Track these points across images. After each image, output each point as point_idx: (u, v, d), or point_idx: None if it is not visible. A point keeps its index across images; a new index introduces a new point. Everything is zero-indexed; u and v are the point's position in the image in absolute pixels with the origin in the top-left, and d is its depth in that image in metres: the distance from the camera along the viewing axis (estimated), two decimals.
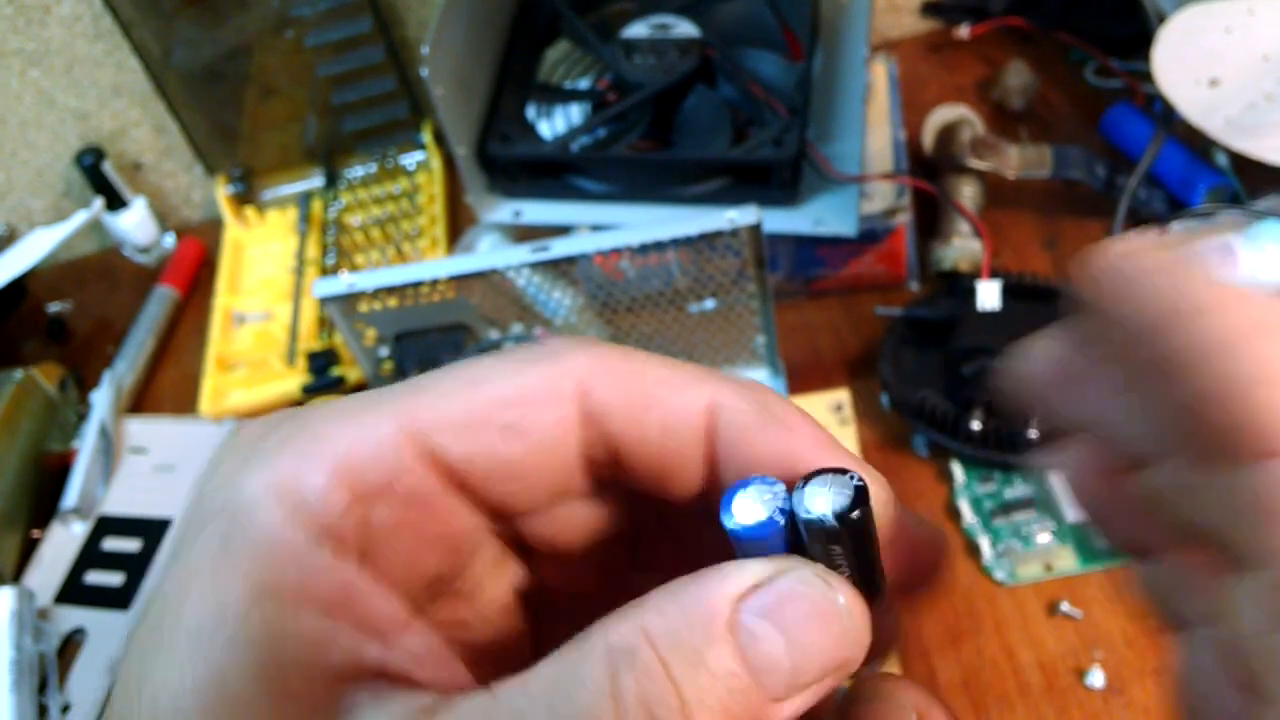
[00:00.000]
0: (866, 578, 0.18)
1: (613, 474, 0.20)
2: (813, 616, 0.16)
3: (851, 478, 0.18)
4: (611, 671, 0.15)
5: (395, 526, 0.18)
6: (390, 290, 0.59)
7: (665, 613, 0.16)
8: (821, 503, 0.17)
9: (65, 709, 0.57)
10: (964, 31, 0.79)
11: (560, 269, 0.58)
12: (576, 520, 0.20)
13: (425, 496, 0.18)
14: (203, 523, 0.17)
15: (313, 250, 0.80)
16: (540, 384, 0.18)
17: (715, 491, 0.19)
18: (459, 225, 0.79)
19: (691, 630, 0.16)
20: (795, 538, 0.18)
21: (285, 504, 0.17)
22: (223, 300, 0.78)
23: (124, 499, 0.66)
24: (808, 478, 0.18)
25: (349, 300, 0.59)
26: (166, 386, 0.76)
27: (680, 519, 0.21)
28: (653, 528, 0.22)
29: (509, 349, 0.19)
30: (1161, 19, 0.67)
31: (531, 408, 0.18)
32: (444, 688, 0.18)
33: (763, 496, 0.18)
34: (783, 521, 0.18)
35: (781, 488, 0.18)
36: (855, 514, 0.17)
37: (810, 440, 0.19)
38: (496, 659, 0.20)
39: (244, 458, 0.18)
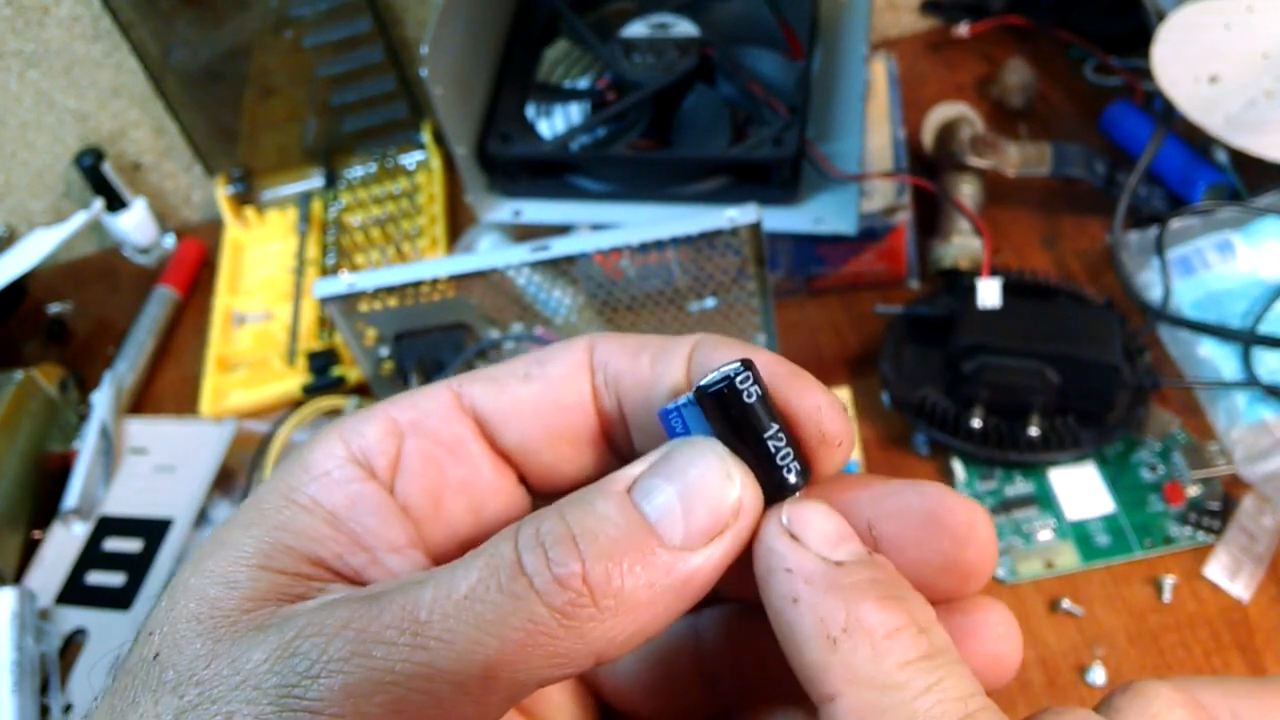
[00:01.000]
0: (764, 454, 0.19)
1: (624, 434, 0.22)
2: (705, 476, 0.18)
3: (738, 362, 0.19)
4: (514, 527, 0.18)
5: (422, 458, 0.21)
6: (390, 290, 0.59)
7: (575, 493, 0.19)
8: (705, 379, 0.19)
9: (67, 709, 0.57)
10: (963, 29, 0.79)
11: (560, 268, 0.58)
12: (591, 472, 0.22)
13: (454, 439, 0.21)
14: (275, 476, 0.21)
15: (313, 250, 0.80)
16: (556, 346, 0.22)
17: None
18: (459, 225, 0.79)
19: (589, 492, 0.18)
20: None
21: (335, 440, 0.21)
22: (223, 300, 0.78)
23: (125, 499, 0.66)
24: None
25: (349, 300, 0.59)
26: (167, 387, 0.76)
27: None
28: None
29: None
30: (1161, 16, 0.67)
31: (546, 360, 0.21)
32: None
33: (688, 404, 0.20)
34: (691, 401, 0.20)
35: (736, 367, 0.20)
36: (726, 386, 0.19)
37: (783, 388, 0.20)
38: None
39: (325, 426, 0.22)
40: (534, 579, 0.17)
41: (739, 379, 0.19)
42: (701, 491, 0.18)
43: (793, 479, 0.19)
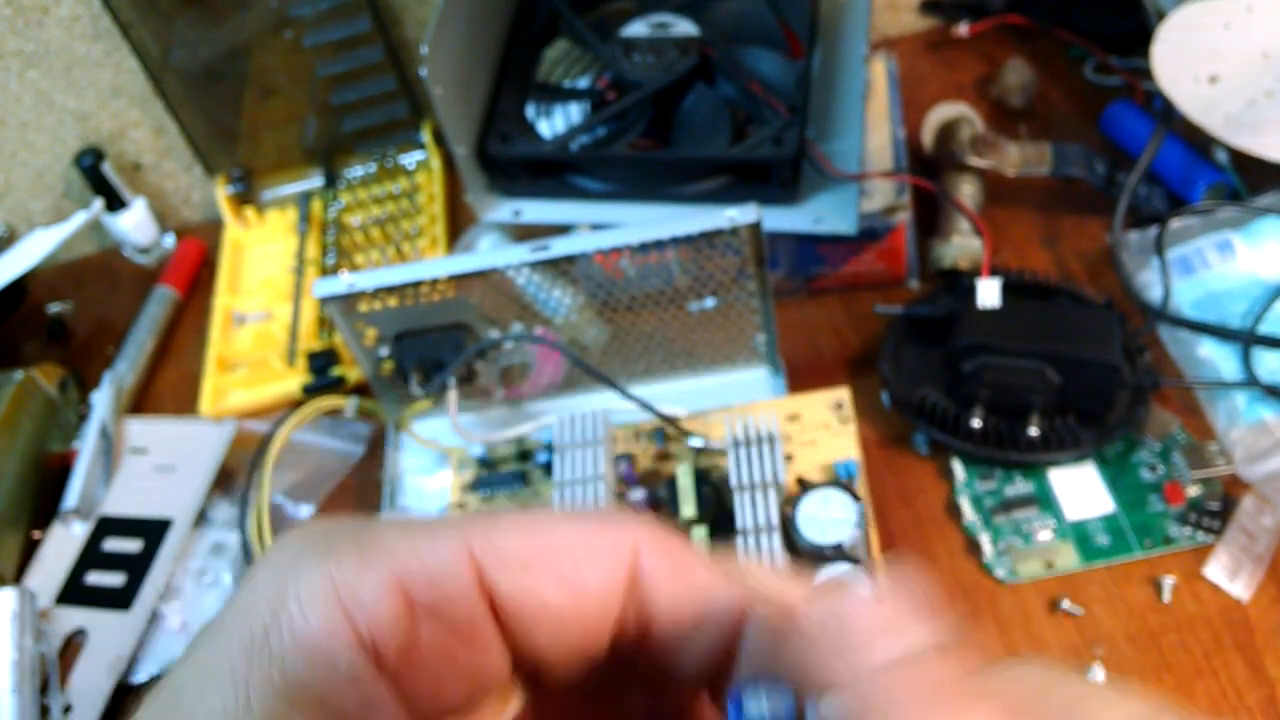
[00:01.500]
0: None
1: (634, 648, 0.19)
2: None
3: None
4: None
5: (436, 649, 0.18)
6: (390, 290, 0.59)
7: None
8: None
9: (67, 710, 0.57)
10: (963, 29, 0.79)
11: (560, 268, 0.58)
12: (589, 682, 0.20)
13: (470, 626, 0.18)
14: (248, 609, 0.17)
15: (312, 250, 0.80)
16: (603, 542, 0.19)
17: (721, 678, 0.19)
18: (459, 225, 0.79)
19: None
20: None
21: (337, 606, 0.17)
22: (223, 300, 0.78)
23: (124, 499, 0.66)
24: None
25: (349, 300, 0.59)
26: (167, 387, 0.76)
27: (674, 695, 0.21)
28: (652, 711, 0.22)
29: (573, 509, 0.19)
30: (1161, 16, 0.67)
31: (590, 563, 0.18)
32: None
33: (767, 703, 0.17)
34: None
35: (790, 699, 0.17)
36: None
37: (843, 666, 0.17)
38: None
39: (302, 551, 0.18)
40: None
41: None
42: None
43: None
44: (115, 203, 0.82)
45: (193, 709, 0.16)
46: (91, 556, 0.64)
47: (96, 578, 0.63)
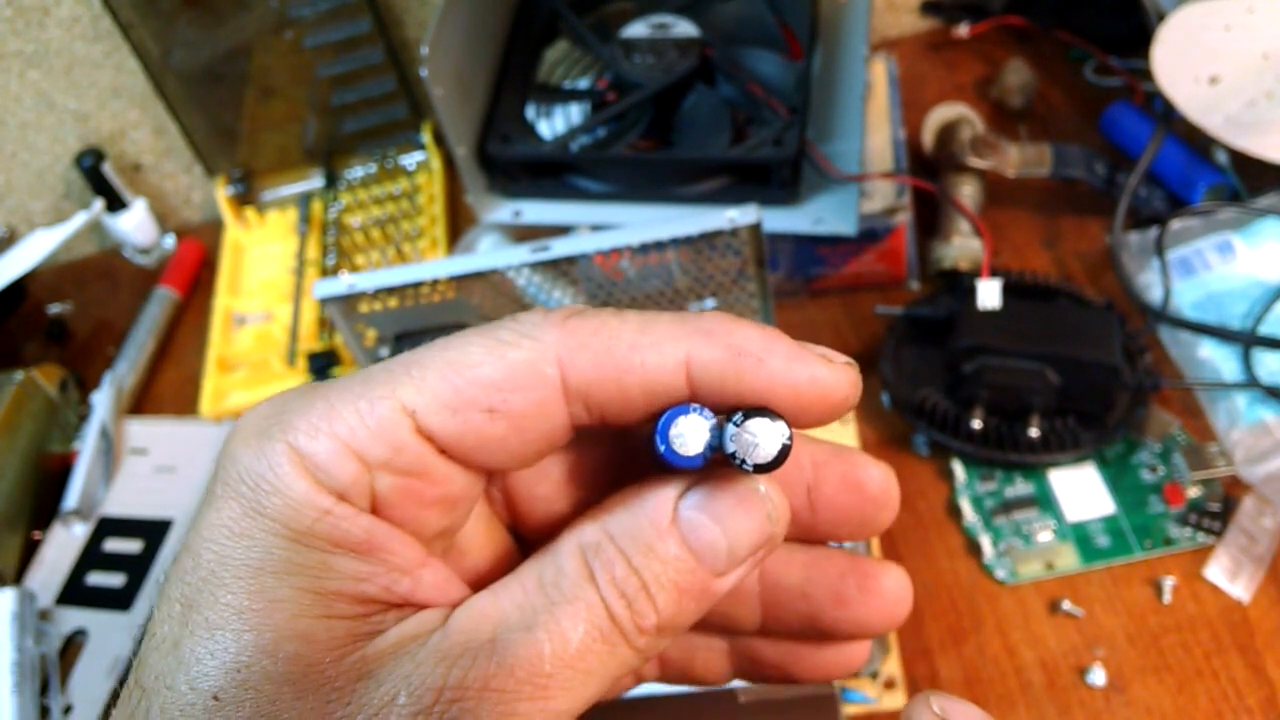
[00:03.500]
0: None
1: (599, 424, 0.22)
2: (738, 505, 0.21)
3: (781, 433, 0.20)
4: (585, 562, 0.20)
5: (398, 491, 0.20)
6: (390, 291, 0.59)
7: (621, 517, 0.21)
8: (745, 450, 0.20)
9: (67, 710, 0.57)
10: (963, 30, 0.79)
11: (560, 269, 0.58)
12: (563, 469, 0.24)
13: (423, 467, 0.20)
14: (226, 492, 0.20)
15: (313, 251, 0.80)
16: (521, 369, 0.20)
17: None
18: (459, 225, 0.79)
19: (642, 528, 0.20)
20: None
21: (307, 472, 0.20)
22: (223, 301, 0.78)
23: (125, 500, 0.66)
24: (746, 414, 0.20)
25: (349, 301, 0.59)
26: (167, 388, 0.76)
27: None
28: (632, 461, 0.24)
29: (491, 325, 0.21)
30: (1161, 17, 0.67)
31: (513, 392, 0.20)
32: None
33: (694, 428, 0.20)
34: (710, 456, 0.20)
35: (712, 421, 0.20)
36: (771, 463, 0.20)
37: (780, 372, 0.21)
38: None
39: (260, 432, 0.20)
40: (625, 631, 0.20)
41: (784, 458, 0.20)
42: (746, 534, 0.21)
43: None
44: (115, 203, 0.82)
45: (220, 569, 0.19)
46: (92, 557, 0.64)
47: (97, 578, 0.63)
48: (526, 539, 0.25)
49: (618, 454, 0.25)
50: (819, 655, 0.25)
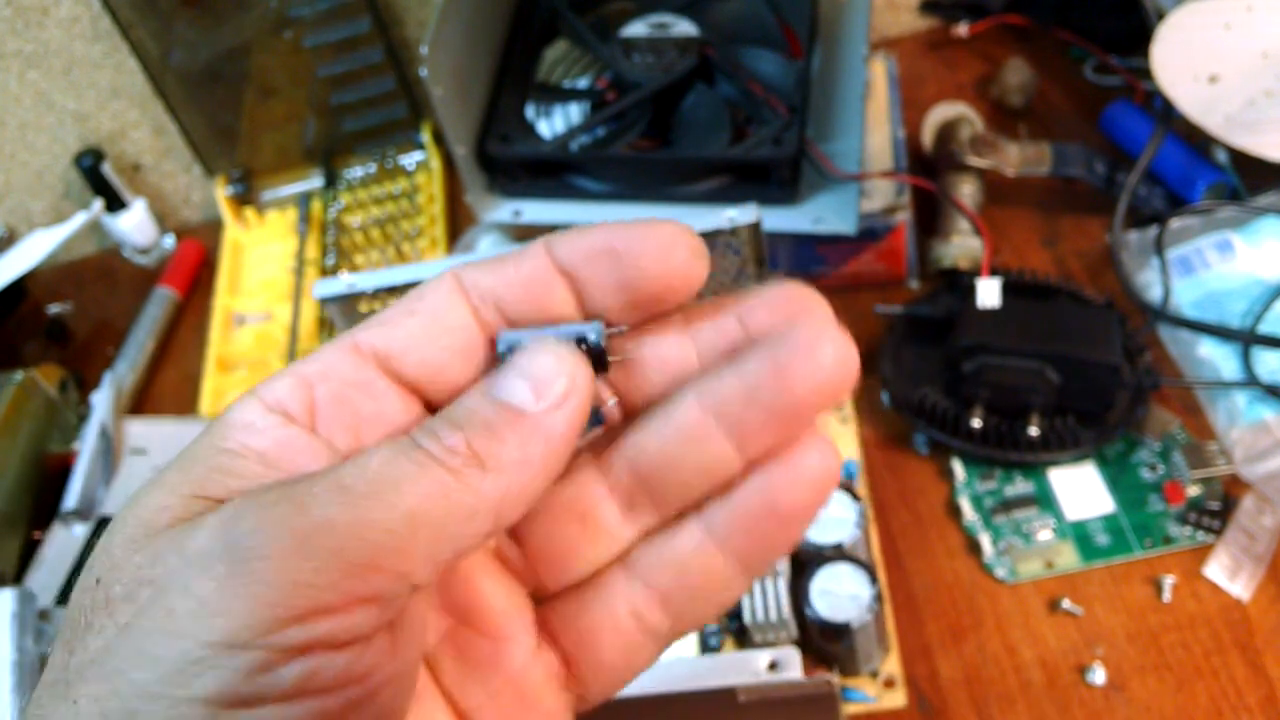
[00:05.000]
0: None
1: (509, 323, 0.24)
2: (534, 355, 0.22)
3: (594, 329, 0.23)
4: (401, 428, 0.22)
5: (335, 400, 0.22)
6: (390, 290, 0.58)
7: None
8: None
9: None
10: (963, 29, 0.79)
11: None
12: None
13: (361, 380, 0.23)
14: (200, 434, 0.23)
15: (312, 251, 0.80)
16: (429, 283, 0.24)
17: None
18: (459, 225, 0.79)
19: (457, 400, 0.22)
20: None
21: (249, 398, 0.22)
22: (223, 301, 0.78)
23: (124, 500, 0.66)
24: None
25: (349, 301, 0.59)
26: (167, 387, 0.76)
27: None
28: None
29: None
30: (1160, 15, 0.67)
31: (424, 294, 0.23)
32: None
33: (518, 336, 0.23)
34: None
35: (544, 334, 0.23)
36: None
37: (616, 229, 0.23)
38: None
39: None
40: (430, 449, 0.21)
41: (596, 346, 0.23)
42: (543, 375, 0.22)
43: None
44: (115, 203, 0.82)
45: (168, 480, 0.22)
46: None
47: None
48: None
49: None
50: (791, 477, 0.25)
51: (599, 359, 0.23)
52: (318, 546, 0.19)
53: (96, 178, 0.81)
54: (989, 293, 0.60)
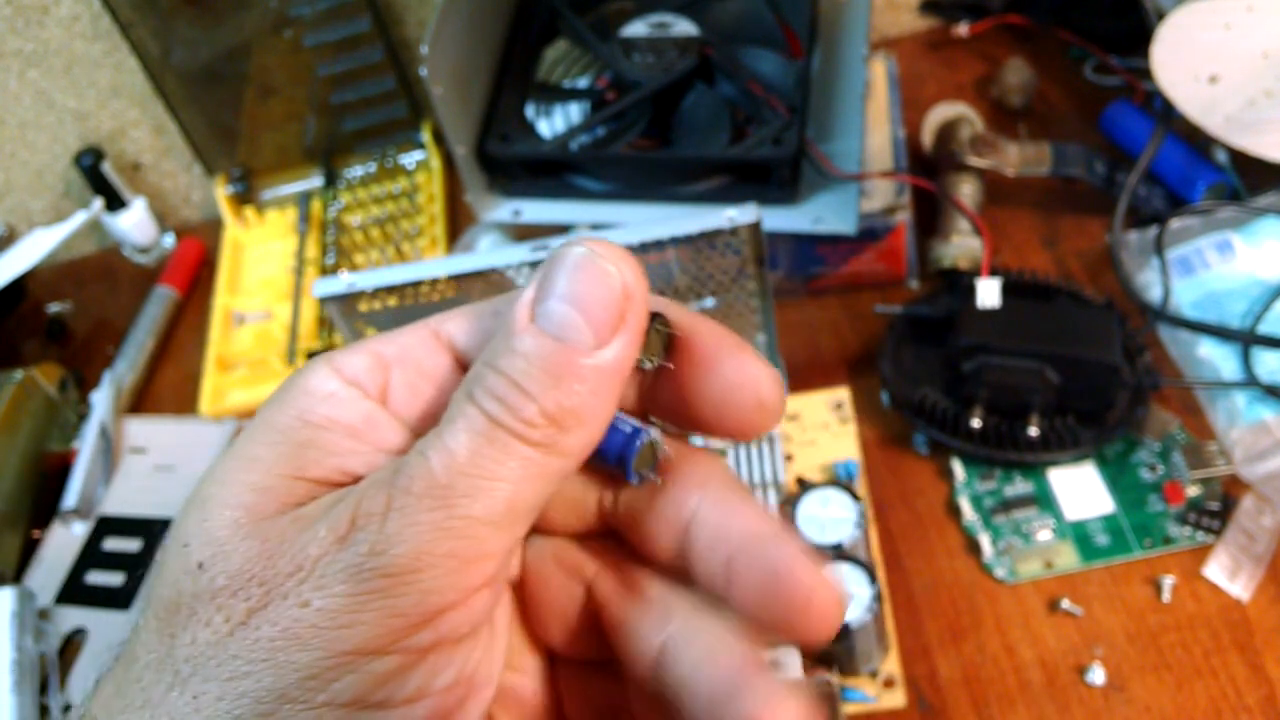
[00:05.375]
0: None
1: None
2: (587, 278, 0.21)
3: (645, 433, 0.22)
4: (465, 390, 0.21)
5: (408, 387, 0.23)
6: (390, 290, 0.58)
7: (492, 344, 0.22)
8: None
9: (66, 709, 0.57)
10: (963, 29, 0.79)
11: None
12: None
13: (435, 369, 0.23)
14: (272, 399, 0.23)
15: (312, 250, 0.80)
16: (517, 293, 0.23)
17: None
18: (459, 224, 0.79)
19: (504, 338, 0.21)
20: None
21: (325, 368, 0.22)
22: (222, 300, 0.78)
23: (124, 499, 0.66)
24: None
25: (349, 300, 0.59)
26: (166, 386, 0.76)
27: None
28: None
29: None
30: (1160, 16, 0.67)
31: (511, 298, 0.23)
32: None
33: None
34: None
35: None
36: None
37: (710, 336, 0.23)
38: None
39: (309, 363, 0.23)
40: (509, 426, 0.20)
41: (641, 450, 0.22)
42: (599, 300, 0.21)
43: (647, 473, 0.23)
44: (115, 202, 0.82)
45: (243, 437, 0.22)
46: (91, 556, 0.64)
47: (96, 577, 0.63)
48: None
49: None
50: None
51: (664, 343, 0.23)
52: (435, 555, 0.19)
53: (96, 177, 0.81)
54: (989, 293, 0.60)
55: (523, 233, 0.69)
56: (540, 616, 0.24)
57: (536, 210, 0.68)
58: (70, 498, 0.65)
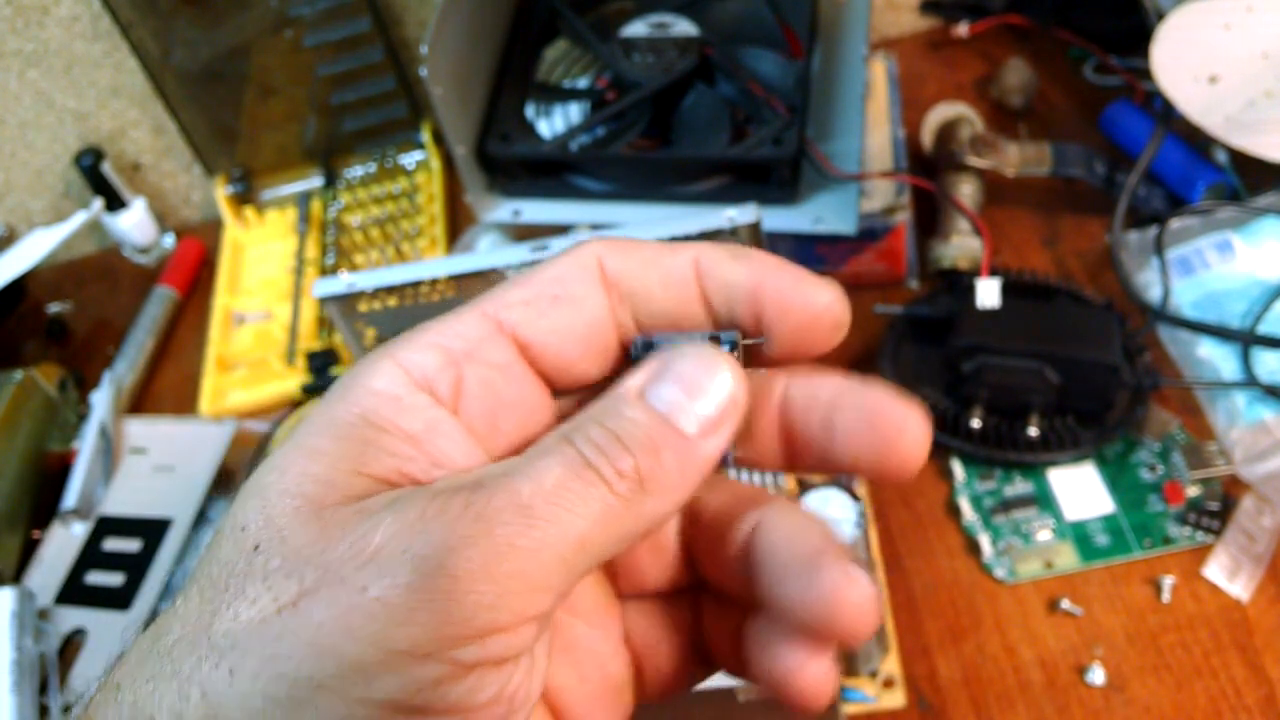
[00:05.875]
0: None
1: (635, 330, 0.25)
2: (700, 369, 0.22)
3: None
4: (562, 433, 0.21)
5: (480, 383, 0.23)
6: (390, 290, 0.58)
7: (596, 403, 0.22)
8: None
9: (66, 709, 0.57)
10: (963, 29, 0.79)
11: None
12: (608, 372, 0.25)
13: (503, 363, 0.23)
14: (329, 395, 0.23)
15: (312, 250, 0.80)
16: (572, 263, 0.24)
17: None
18: (458, 225, 0.79)
19: (609, 403, 0.22)
20: None
21: (393, 367, 0.22)
22: (222, 300, 0.78)
23: (124, 499, 0.66)
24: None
25: (348, 300, 0.59)
26: (166, 387, 0.76)
27: None
28: None
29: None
30: (1160, 16, 0.67)
31: (566, 279, 0.24)
32: None
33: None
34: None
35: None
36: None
37: (768, 264, 0.24)
38: None
39: (372, 353, 0.23)
40: (601, 471, 0.21)
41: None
42: (711, 393, 0.22)
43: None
44: (115, 202, 0.82)
45: (302, 431, 0.22)
46: (91, 556, 0.64)
47: (96, 577, 0.63)
48: None
49: None
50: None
51: None
52: (500, 571, 0.19)
53: (96, 177, 0.81)
54: (989, 293, 0.60)
55: (523, 233, 0.69)
56: (637, 560, 0.26)
57: (536, 210, 0.68)
58: (70, 498, 0.65)
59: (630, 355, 0.24)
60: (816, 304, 0.24)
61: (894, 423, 0.23)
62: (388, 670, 0.19)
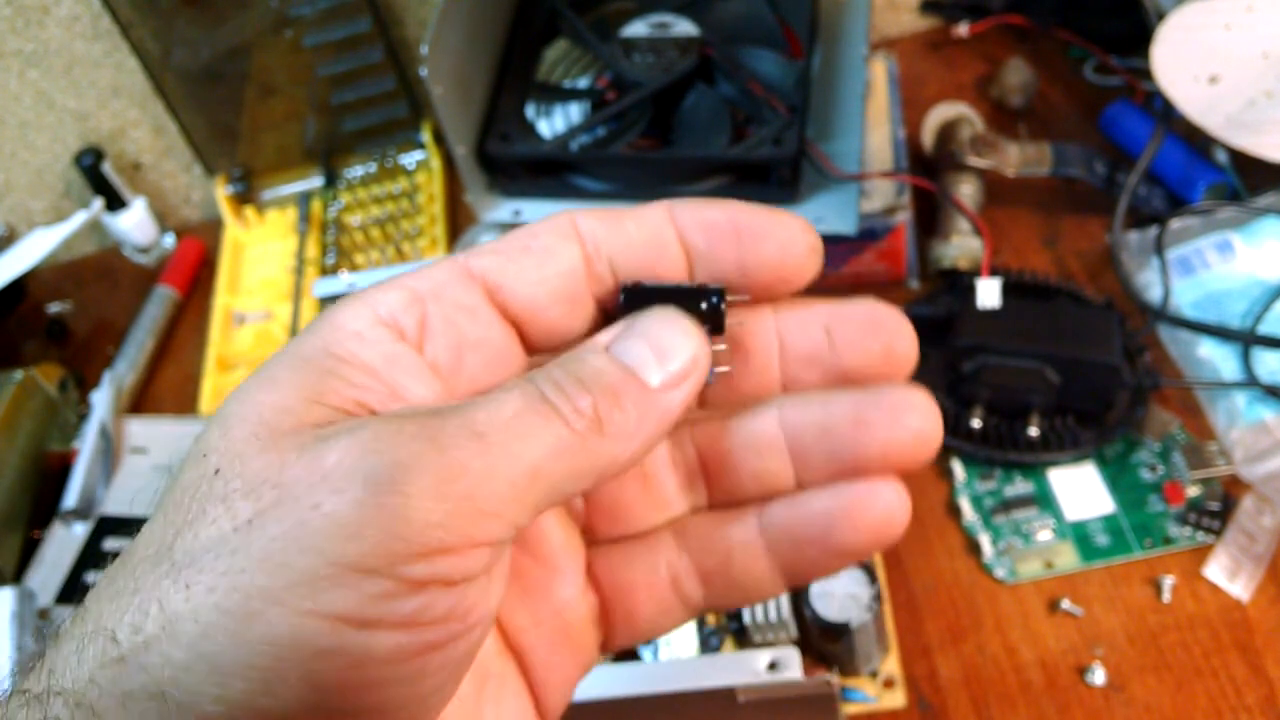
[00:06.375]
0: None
1: (610, 293, 0.25)
2: (666, 329, 0.23)
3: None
4: (528, 376, 0.22)
5: (444, 321, 0.23)
6: None
7: (566, 354, 0.23)
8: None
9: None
10: (963, 29, 0.79)
11: None
12: (582, 329, 0.26)
13: (469, 305, 0.24)
14: (307, 328, 0.23)
15: (312, 250, 0.80)
16: (546, 222, 0.25)
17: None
18: (459, 225, 0.79)
19: (579, 351, 0.23)
20: None
21: (360, 305, 0.23)
22: (223, 300, 0.78)
23: (125, 499, 0.66)
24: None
25: None
26: (167, 386, 0.76)
27: None
28: None
29: None
30: (1161, 16, 0.67)
31: (539, 233, 0.24)
32: None
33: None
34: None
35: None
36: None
37: (740, 204, 0.25)
38: None
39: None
40: (560, 408, 0.21)
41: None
42: (670, 348, 0.23)
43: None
44: (115, 202, 0.82)
45: (267, 363, 0.23)
46: (91, 556, 0.64)
47: (96, 577, 0.63)
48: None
49: None
50: (855, 509, 0.25)
51: (717, 322, 0.24)
52: (451, 491, 0.20)
53: (96, 177, 0.81)
54: (989, 293, 0.60)
55: None
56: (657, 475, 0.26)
57: (537, 210, 0.68)
58: (70, 498, 0.65)
59: (616, 307, 0.24)
60: (792, 228, 0.25)
61: (889, 327, 0.26)
62: (336, 584, 0.19)
